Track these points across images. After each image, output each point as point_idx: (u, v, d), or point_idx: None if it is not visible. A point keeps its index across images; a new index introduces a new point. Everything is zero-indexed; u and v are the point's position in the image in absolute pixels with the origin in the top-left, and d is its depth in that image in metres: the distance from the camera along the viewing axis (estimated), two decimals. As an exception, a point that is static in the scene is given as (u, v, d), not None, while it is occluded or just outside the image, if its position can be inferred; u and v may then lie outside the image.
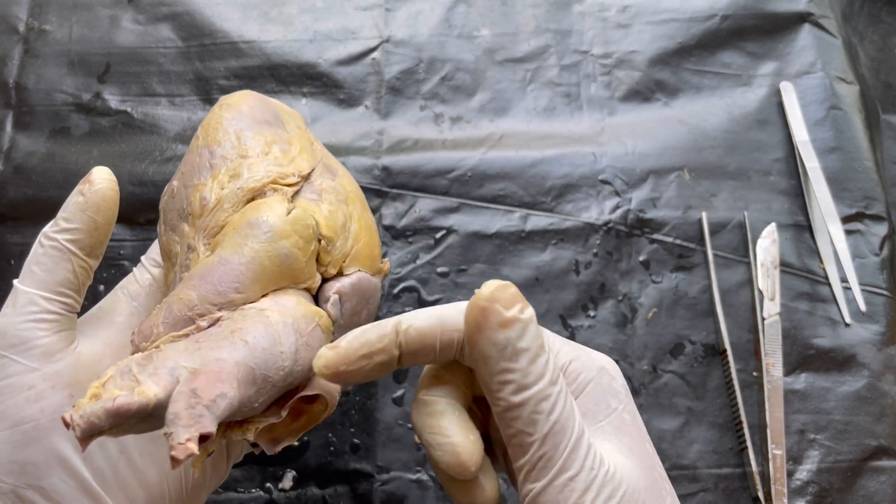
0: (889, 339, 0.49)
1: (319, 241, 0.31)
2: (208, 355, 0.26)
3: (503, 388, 0.25)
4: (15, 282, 0.31)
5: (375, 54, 0.56)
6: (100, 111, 0.54)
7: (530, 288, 0.50)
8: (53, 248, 0.31)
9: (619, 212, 0.52)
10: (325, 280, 0.32)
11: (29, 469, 0.29)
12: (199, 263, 0.29)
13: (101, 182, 0.31)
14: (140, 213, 0.51)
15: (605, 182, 0.52)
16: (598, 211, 0.52)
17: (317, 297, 0.32)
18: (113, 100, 0.54)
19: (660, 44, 0.57)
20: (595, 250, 0.51)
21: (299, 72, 0.55)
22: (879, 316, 0.49)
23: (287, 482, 0.44)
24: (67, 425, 0.24)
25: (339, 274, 0.32)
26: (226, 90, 0.54)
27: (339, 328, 0.32)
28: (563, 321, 0.49)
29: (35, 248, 0.31)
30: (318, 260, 0.32)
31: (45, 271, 0.30)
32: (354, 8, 0.57)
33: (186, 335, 0.27)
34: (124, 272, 0.49)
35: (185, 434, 0.23)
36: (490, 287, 0.25)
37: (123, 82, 0.55)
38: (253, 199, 0.31)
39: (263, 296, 0.30)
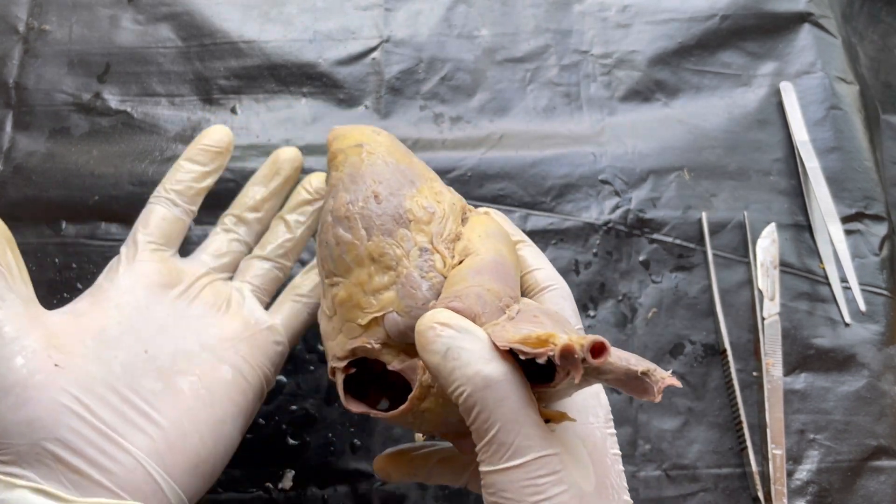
0: (889, 338, 0.49)
1: None
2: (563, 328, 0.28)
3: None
4: None
5: (375, 54, 0.56)
6: (100, 111, 0.54)
7: (530, 288, 0.50)
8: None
9: (618, 212, 0.52)
10: None
11: (37, 424, 0.31)
12: (478, 263, 0.31)
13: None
14: (140, 212, 0.51)
15: (604, 182, 0.53)
16: (597, 211, 0.52)
17: None
18: (113, 100, 0.54)
19: (660, 44, 0.57)
20: (595, 250, 0.51)
21: (299, 72, 0.55)
22: (879, 316, 0.49)
23: (287, 482, 0.45)
24: (602, 348, 0.24)
25: None
26: (226, 90, 0.54)
27: None
28: (563, 321, 0.49)
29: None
30: None
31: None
32: (354, 8, 0.57)
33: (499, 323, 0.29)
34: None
35: (662, 372, 0.25)
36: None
37: (123, 82, 0.55)
38: (463, 214, 0.34)
39: None
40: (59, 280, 0.49)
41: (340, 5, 0.57)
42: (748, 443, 0.46)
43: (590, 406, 0.32)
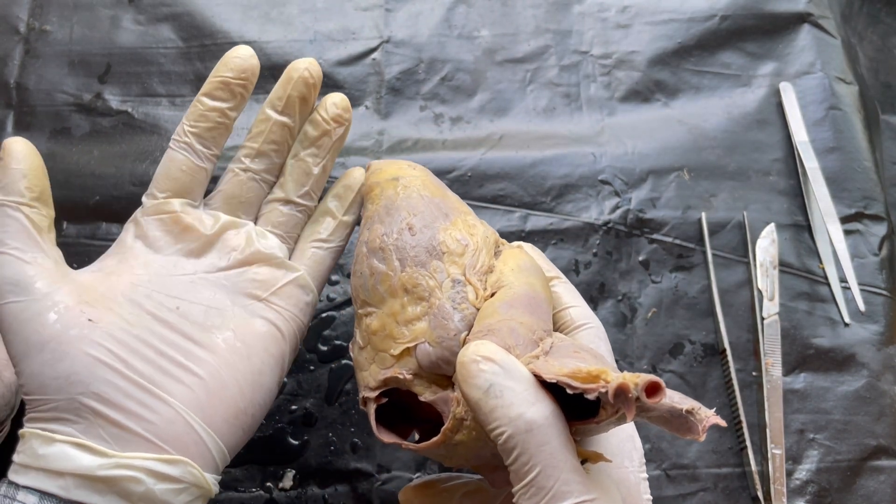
0: (888, 338, 0.49)
1: None
2: (598, 361, 0.28)
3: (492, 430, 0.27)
4: None
5: (376, 55, 0.56)
6: (100, 111, 0.54)
7: (530, 288, 0.50)
8: (2, 211, 0.33)
9: (618, 212, 0.52)
10: None
11: (74, 379, 0.31)
12: (510, 296, 0.31)
13: (13, 142, 0.34)
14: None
15: (604, 182, 0.53)
16: (597, 211, 0.52)
17: None
18: (114, 100, 0.54)
19: (659, 44, 0.57)
20: (595, 250, 0.51)
21: (299, 72, 0.55)
22: (878, 316, 0.49)
23: (287, 482, 0.45)
24: (656, 389, 0.24)
25: None
26: (226, 90, 0.54)
27: None
28: (563, 321, 0.49)
29: None
30: None
31: (5, 232, 0.33)
32: (355, 8, 0.58)
33: (537, 356, 0.29)
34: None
35: (706, 411, 0.24)
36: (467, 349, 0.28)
37: (124, 82, 0.55)
38: (496, 247, 0.34)
39: None
40: (60, 280, 0.49)
41: (341, 6, 0.58)
42: (748, 442, 0.46)
43: (625, 450, 0.32)
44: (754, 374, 0.48)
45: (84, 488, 0.30)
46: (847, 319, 0.49)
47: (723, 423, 0.24)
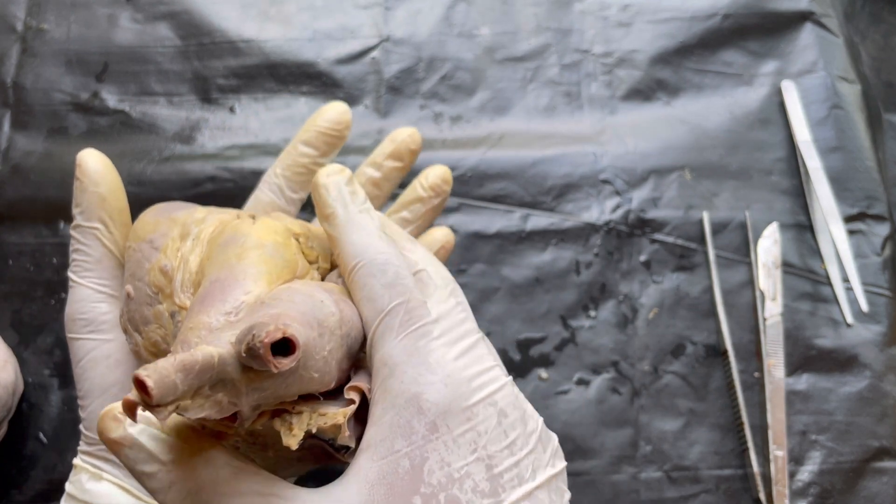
0: (891, 339, 0.48)
1: (297, 239, 0.31)
2: (258, 314, 0.24)
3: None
4: (69, 273, 0.34)
5: (375, 53, 0.56)
6: (98, 110, 0.54)
7: (530, 288, 0.50)
8: (82, 236, 0.34)
9: (619, 211, 0.51)
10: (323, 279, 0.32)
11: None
12: (196, 299, 0.27)
13: (88, 158, 0.34)
14: (139, 212, 0.50)
15: (605, 182, 0.52)
16: (598, 211, 0.51)
17: None
18: (111, 99, 0.54)
19: (661, 43, 0.56)
20: (596, 250, 0.51)
21: (298, 71, 0.55)
22: (881, 316, 0.49)
23: (286, 483, 0.44)
24: (142, 386, 0.20)
25: (333, 267, 0.32)
26: (224, 89, 0.54)
27: None
28: (564, 321, 0.49)
29: (72, 241, 0.34)
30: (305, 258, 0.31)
31: (85, 258, 0.34)
32: (354, 6, 0.57)
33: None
34: (122, 272, 0.49)
35: (266, 329, 0.20)
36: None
37: (122, 81, 0.54)
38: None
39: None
40: (57, 281, 0.49)
41: (340, 4, 0.57)
42: (750, 444, 0.46)
43: (398, 426, 0.25)
44: (756, 375, 0.48)
45: None
46: (850, 320, 0.49)
47: (287, 333, 0.20)
